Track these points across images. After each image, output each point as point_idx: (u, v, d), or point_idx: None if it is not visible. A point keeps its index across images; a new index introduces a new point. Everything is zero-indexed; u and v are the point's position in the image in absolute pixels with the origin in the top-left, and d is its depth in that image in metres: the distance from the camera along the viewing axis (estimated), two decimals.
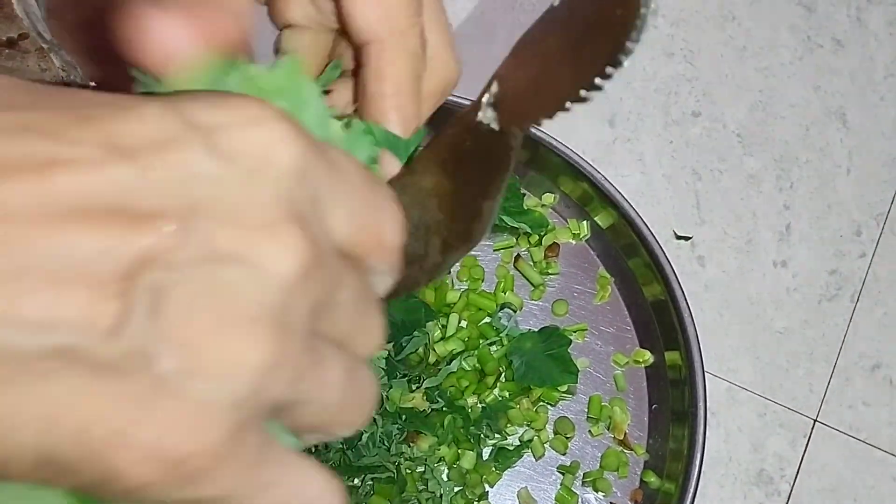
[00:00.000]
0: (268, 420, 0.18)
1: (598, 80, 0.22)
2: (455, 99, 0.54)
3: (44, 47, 0.40)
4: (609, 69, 0.22)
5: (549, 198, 0.57)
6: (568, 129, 0.62)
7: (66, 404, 0.16)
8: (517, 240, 0.56)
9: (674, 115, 0.63)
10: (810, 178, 0.61)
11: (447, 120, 0.27)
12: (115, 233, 0.16)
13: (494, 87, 0.25)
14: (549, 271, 0.55)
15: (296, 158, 0.19)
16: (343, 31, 0.28)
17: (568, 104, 0.22)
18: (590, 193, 0.56)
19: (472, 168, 0.27)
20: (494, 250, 0.56)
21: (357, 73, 0.28)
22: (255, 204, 0.18)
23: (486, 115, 0.25)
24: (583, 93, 0.22)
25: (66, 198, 0.16)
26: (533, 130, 0.56)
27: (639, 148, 0.62)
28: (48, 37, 0.42)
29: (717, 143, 0.62)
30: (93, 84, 0.42)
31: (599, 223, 0.57)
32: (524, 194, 0.57)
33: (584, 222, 0.57)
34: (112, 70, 0.60)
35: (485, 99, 0.25)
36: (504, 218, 0.57)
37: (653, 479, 0.49)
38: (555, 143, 0.55)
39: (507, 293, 0.54)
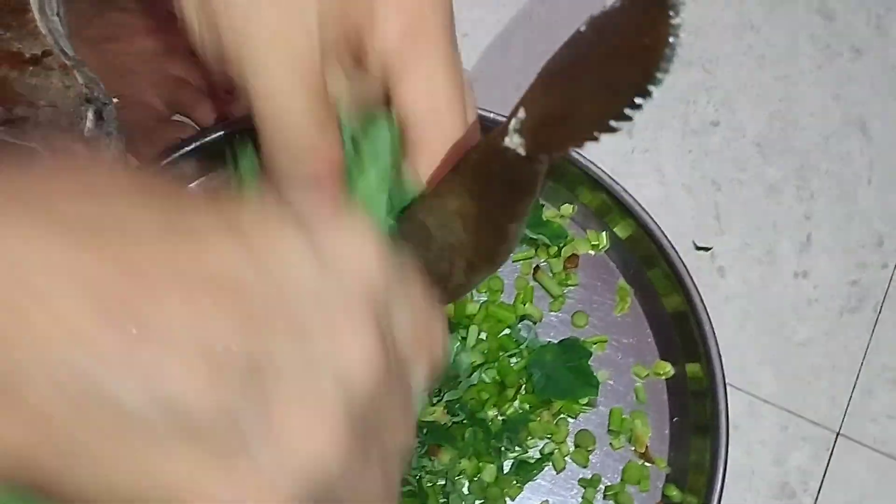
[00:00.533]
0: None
1: (627, 111, 0.22)
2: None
3: (67, 64, 0.41)
4: (638, 100, 0.22)
5: (567, 209, 0.57)
6: None
7: (166, 463, 0.18)
8: (536, 251, 0.56)
9: (693, 124, 0.63)
10: (831, 188, 0.60)
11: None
12: (236, 329, 0.18)
13: (521, 113, 0.25)
14: (569, 283, 0.55)
15: (381, 270, 0.21)
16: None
17: (596, 134, 0.22)
18: (608, 204, 0.56)
19: (497, 191, 0.27)
20: (514, 261, 0.56)
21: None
22: (345, 312, 0.20)
23: (513, 141, 0.25)
24: (612, 124, 0.22)
25: (198, 291, 0.18)
26: None
27: (658, 158, 0.62)
28: (70, 53, 0.42)
29: (736, 152, 0.62)
30: (115, 100, 0.42)
31: (618, 234, 0.56)
32: (542, 205, 0.57)
33: (603, 233, 0.56)
34: (131, 82, 0.60)
35: (511, 124, 0.25)
36: None
37: (675, 492, 0.49)
38: (573, 154, 0.55)
39: (526, 305, 0.54)
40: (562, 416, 0.51)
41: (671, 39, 0.22)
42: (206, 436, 0.17)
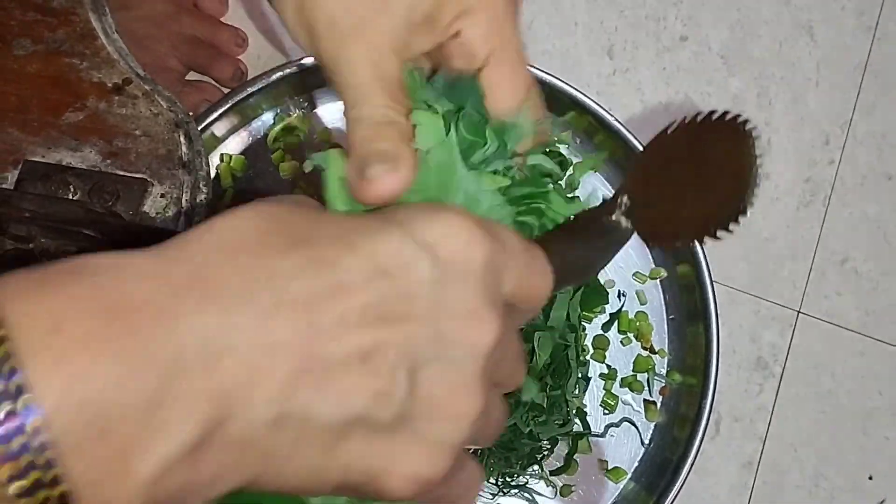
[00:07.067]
0: None
1: (729, 226, 0.29)
2: None
3: (148, 90, 0.44)
4: (739, 219, 0.28)
5: (565, 136, 0.64)
6: (571, 65, 0.68)
7: (358, 453, 0.25)
8: None
9: (664, 41, 0.69)
10: (785, 94, 0.69)
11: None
12: (382, 334, 0.24)
13: (627, 200, 0.32)
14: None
15: (485, 254, 0.26)
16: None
17: (701, 240, 0.30)
18: (594, 125, 0.63)
19: (597, 242, 0.33)
20: None
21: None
22: (464, 298, 0.26)
23: (621, 221, 0.32)
24: (717, 234, 0.29)
25: (350, 314, 0.24)
26: (537, 70, 0.62)
27: (636, 77, 0.68)
28: (141, 73, 0.45)
29: (704, 66, 0.69)
30: (191, 114, 0.46)
31: (608, 154, 0.64)
32: None
33: (597, 154, 0.64)
34: (149, 47, 0.62)
35: (620, 208, 0.32)
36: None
37: (677, 376, 0.60)
38: (558, 81, 0.61)
39: None
40: (581, 324, 0.60)
41: (756, 167, 0.28)
42: (380, 426, 0.24)
